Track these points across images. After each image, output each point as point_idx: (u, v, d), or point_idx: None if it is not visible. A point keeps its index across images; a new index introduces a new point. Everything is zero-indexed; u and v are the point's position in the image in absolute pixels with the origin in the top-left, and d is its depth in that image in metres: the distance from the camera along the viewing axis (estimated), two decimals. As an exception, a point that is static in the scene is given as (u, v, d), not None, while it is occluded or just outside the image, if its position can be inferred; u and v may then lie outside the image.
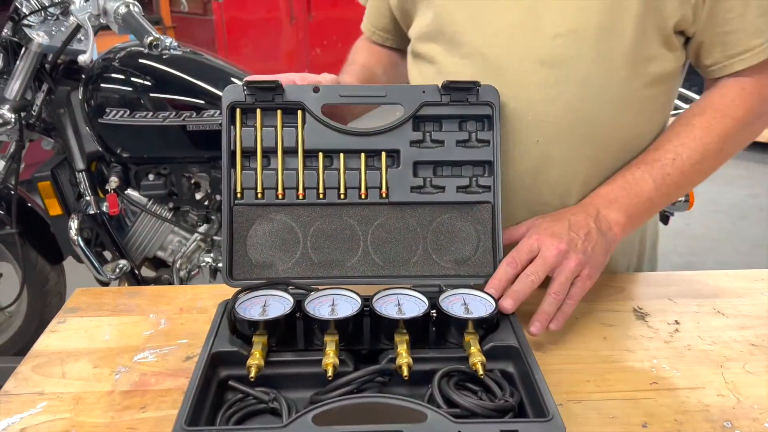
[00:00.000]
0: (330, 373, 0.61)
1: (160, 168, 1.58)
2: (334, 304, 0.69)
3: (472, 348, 0.64)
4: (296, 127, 0.76)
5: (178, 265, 1.67)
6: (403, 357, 0.62)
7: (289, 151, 0.76)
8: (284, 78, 0.77)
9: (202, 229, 1.66)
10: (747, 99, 0.81)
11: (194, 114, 1.48)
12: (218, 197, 1.63)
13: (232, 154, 0.76)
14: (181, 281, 1.69)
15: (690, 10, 0.77)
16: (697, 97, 2.00)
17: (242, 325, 0.66)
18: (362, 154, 0.76)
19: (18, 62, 1.46)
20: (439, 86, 0.75)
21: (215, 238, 1.67)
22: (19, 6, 1.41)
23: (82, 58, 1.25)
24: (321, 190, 0.76)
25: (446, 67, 0.85)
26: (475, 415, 0.58)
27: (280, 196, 0.76)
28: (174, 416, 0.55)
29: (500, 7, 0.80)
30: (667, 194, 0.82)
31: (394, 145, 0.76)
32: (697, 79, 0.93)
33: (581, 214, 0.77)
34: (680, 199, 1.60)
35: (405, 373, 0.61)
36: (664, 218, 1.73)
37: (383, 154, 0.76)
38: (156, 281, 1.72)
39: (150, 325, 0.78)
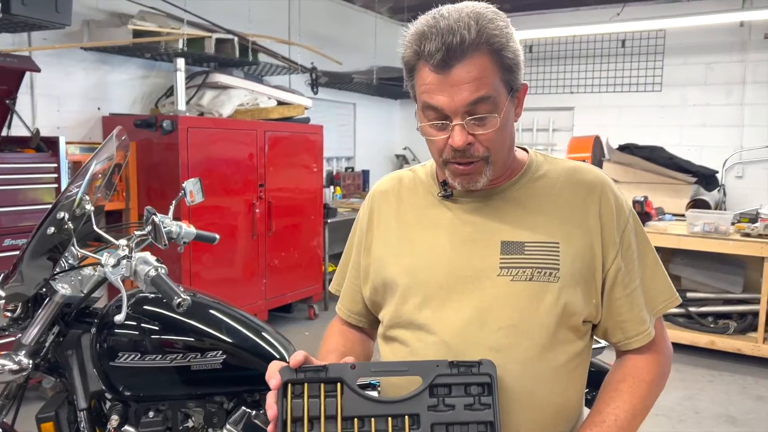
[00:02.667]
0: None
1: (159, 404, 1.67)
2: None
3: None
4: (336, 398, 0.94)
5: (165, 501, 1.69)
6: None
7: (330, 418, 0.93)
8: (276, 364, 0.98)
9: (191, 463, 1.71)
10: (652, 366, 1.11)
11: (199, 355, 1.63)
12: (210, 431, 1.71)
13: (284, 424, 0.92)
14: None
15: (594, 309, 1.08)
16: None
17: None
18: (389, 419, 0.94)
19: (40, 311, 1.59)
20: (449, 362, 0.97)
21: (204, 473, 1.72)
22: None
23: (119, 318, 1.40)
24: (357, 451, 0.92)
25: (417, 350, 1.09)
26: None
27: (323, 462, 0.92)
28: None
29: (456, 307, 1.07)
30: None
31: (415, 410, 0.95)
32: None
33: None
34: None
35: None
36: None
37: (406, 418, 0.94)
38: None
39: None
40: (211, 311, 1.74)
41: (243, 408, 1.72)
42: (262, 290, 4.79)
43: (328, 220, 5.39)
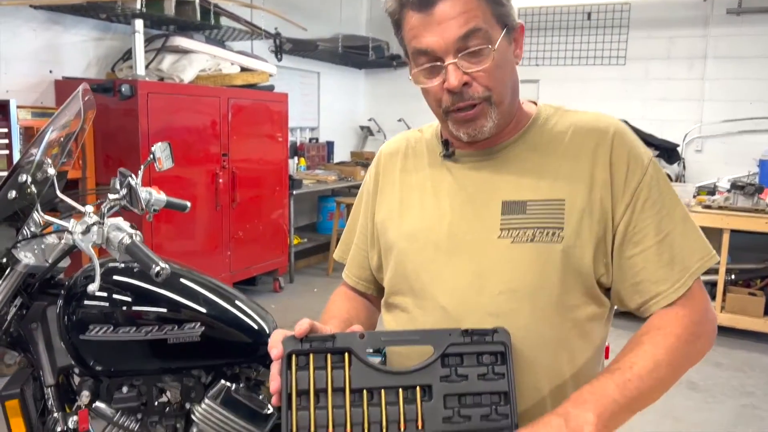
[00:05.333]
0: None
1: (133, 379, 1.58)
2: None
3: None
4: (344, 369, 0.88)
5: (138, 481, 1.61)
6: None
7: (337, 390, 0.87)
8: (279, 333, 0.91)
9: (167, 439, 1.64)
10: (681, 320, 0.98)
11: (176, 327, 1.54)
12: (187, 405, 1.64)
13: (288, 396, 0.86)
14: (141, 498, 1.62)
15: (603, 268, 1.01)
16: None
17: None
18: (400, 390, 0.89)
19: (1, 282, 1.48)
20: (462, 330, 0.92)
21: (181, 448, 1.65)
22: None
23: (92, 288, 1.30)
24: (366, 426, 0.87)
25: (417, 317, 1.04)
26: None
27: (329, 435, 0.86)
28: None
29: (455, 272, 1.02)
30: (631, 398, 0.92)
31: (427, 380, 0.90)
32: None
33: (551, 416, 0.88)
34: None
35: None
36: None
37: (418, 388, 0.89)
38: (113, 500, 1.63)
39: None
40: (186, 281, 1.65)
41: (222, 381, 1.64)
42: (227, 262, 4.68)
43: (293, 192, 5.27)
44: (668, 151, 5.46)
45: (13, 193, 1.40)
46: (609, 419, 0.89)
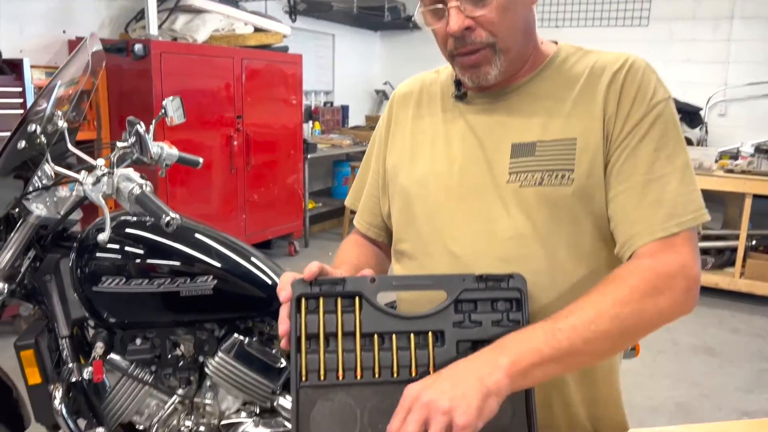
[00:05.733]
0: None
1: (147, 332, 1.59)
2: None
3: None
4: (354, 313, 0.86)
5: (154, 430, 1.63)
6: None
7: (348, 334, 0.86)
8: (288, 275, 0.88)
9: (181, 391, 1.64)
10: (643, 271, 0.87)
11: (188, 280, 1.53)
12: (200, 358, 1.64)
13: (298, 340, 0.84)
14: (156, 448, 1.64)
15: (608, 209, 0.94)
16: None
17: None
18: (412, 335, 0.87)
19: (13, 233, 1.48)
20: (476, 275, 0.89)
21: (195, 400, 1.66)
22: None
23: (102, 237, 1.30)
24: (377, 370, 0.85)
25: (425, 264, 1.01)
26: None
27: (340, 378, 0.84)
28: None
29: (465, 217, 0.98)
30: (558, 349, 0.82)
31: (440, 326, 0.87)
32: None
33: (458, 361, 0.81)
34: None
35: None
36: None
37: (430, 334, 0.87)
38: (130, 449, 1.66)
39: None
40: (199, 236, 1.64)
41: (235, 335, 1.64)
42: (242, 226, 4.68)
43: (308, 156, 5.24)
44: (690, 115, 5.33)
45: (22, 143, 1.39)
46: (528, 368, 0.80)
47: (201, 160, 1.94)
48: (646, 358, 3.44)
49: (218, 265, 1.59)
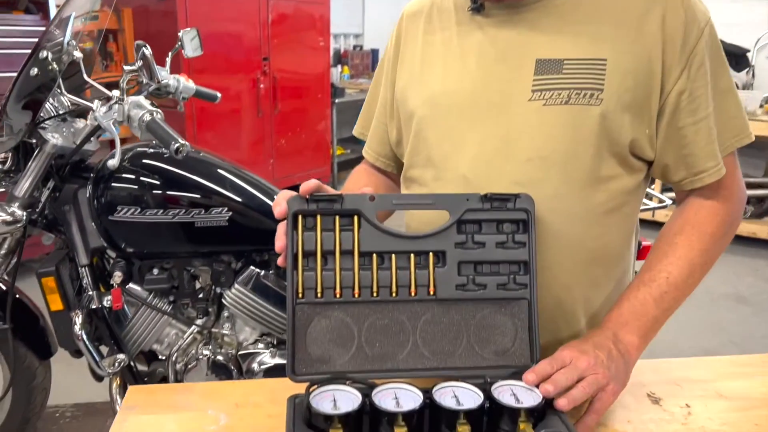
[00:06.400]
0: (405, 459, 0.66)
1: (164, 262, 1.61)
2: (397, 397, 0.75)
3: None
4: (353, 232, 0.84)
5: (174, 359, 1.67)
6: (469, 443, 0.69)
7: (346, 253, 0.84)
8: (285, 193, 0.85)
9: (200, 321, 1.67)
10: (717, 215, 0.94)
11: (203, 211, 1.53)
12: (218, 290, 1.66)
13: (294, 257, 0.82)
14: (176, 375, 1.68)
15: (646, 140, 0.91)
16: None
17: (318, 419, 0.71)
18: (412, 255, 0.84)
19: (30, 162, 1.49)
20: (481, 195, 0.85)
21: (213, 330, 1.68)
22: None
23: (111, 162, 1.30)
24: (375, 289, 0.83)
25: (435, 190, 0.97)
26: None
27: (337, 295, 0.83)
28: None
29: (480, 138, 0.93)
30: (667, 309, 0.92)
31: (441, 246, 0.85)
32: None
33: (601, 336, 0.86)
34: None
35: None
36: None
37: (431, 254, 0.85)
38: (150, 375, 1.70)
39: (211, 421, 0.81)
40: (216, 168, 1.64)
41: (251, 267, 1.65)
42: (270, 170, 4.70)
43: (336, 101, 5.18)
44: (736, 57, 5.07)
45: (34, 71, 1.38)
46: (648, 337, 0.90)
47: (219, 94, 1.92)
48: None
49: (234, 197, 1.58)
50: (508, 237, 0.86)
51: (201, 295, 1.66)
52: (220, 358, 1.67)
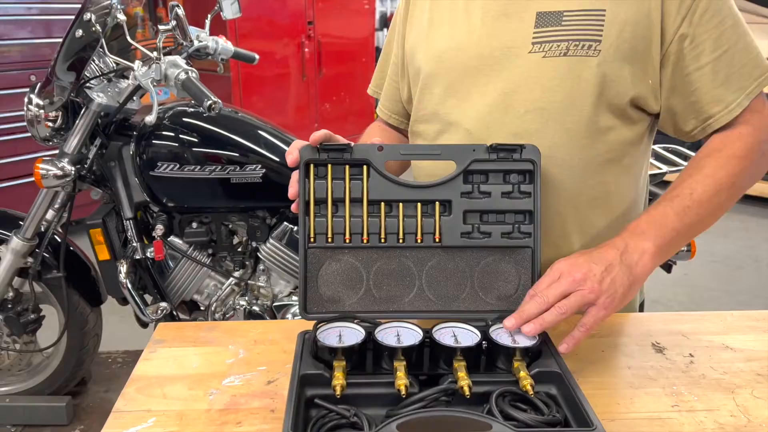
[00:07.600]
0: (403, 391, 0.71)
1: (202, 217, 1.69)
2: (399, 334, 0.80)
3: (521, 372, 0.74)
4: (362, 180, 0.88)
5: (213, 308, 1.77)
6: (464, 379, 0.72)
7: (355, 201, 0.88)
8: (298, 142, 0.89)
9: (237, 274, 1.76)
10: (745, 140, 0.91)
11: (238, 168, 1.61)
12: (254, 244, 1.74)
13: (306, 204, 0.87)
14: (216, 324, 1.78)
15: (648, 91, 0.91)
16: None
17: (323, 352, 0.77)
18: (418, 204, 0.88)
19: (78, 120, 1.59)
20: (488, 145, 0.88)
21: (249, 282, 1.77)
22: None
23: (149, 119, 1.38)
24: (383, 236, 0.88)
25: (439, 143, 1.00)
26: (529, 427, 0.68)
27: (347, 241, 0.87)
28: (265, 430, 0.65)
29: (482, 92, 0.95)
30: (690, 225, 0.88)
31: (447, 196, 0.88)
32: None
33: (607, 248, 0.83)
34: (683, 248, 1.71)
35: (467, 392, 0.71)
36: (667, 267, 1.84)
37: (437, 203, 0.88)
38: (191, 324, 1.81)
39: (231, 355, 0.88)
40: (251, 128, 1.70)
41: (285, 223, 1.72)
42: (314, 134, 4.76)
43: (381, 64, 5.17)
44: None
45: (79, 32, 1.46)
46: (667, 248, 0.86)
47: (257, 56, 1.98)
48: (722, 273, 3.31)
49: (268, 154, 1.65)
50: (513, 187, 0.88)
51: (238, 249, 1.75)
52: (256, 308, 1.76)
